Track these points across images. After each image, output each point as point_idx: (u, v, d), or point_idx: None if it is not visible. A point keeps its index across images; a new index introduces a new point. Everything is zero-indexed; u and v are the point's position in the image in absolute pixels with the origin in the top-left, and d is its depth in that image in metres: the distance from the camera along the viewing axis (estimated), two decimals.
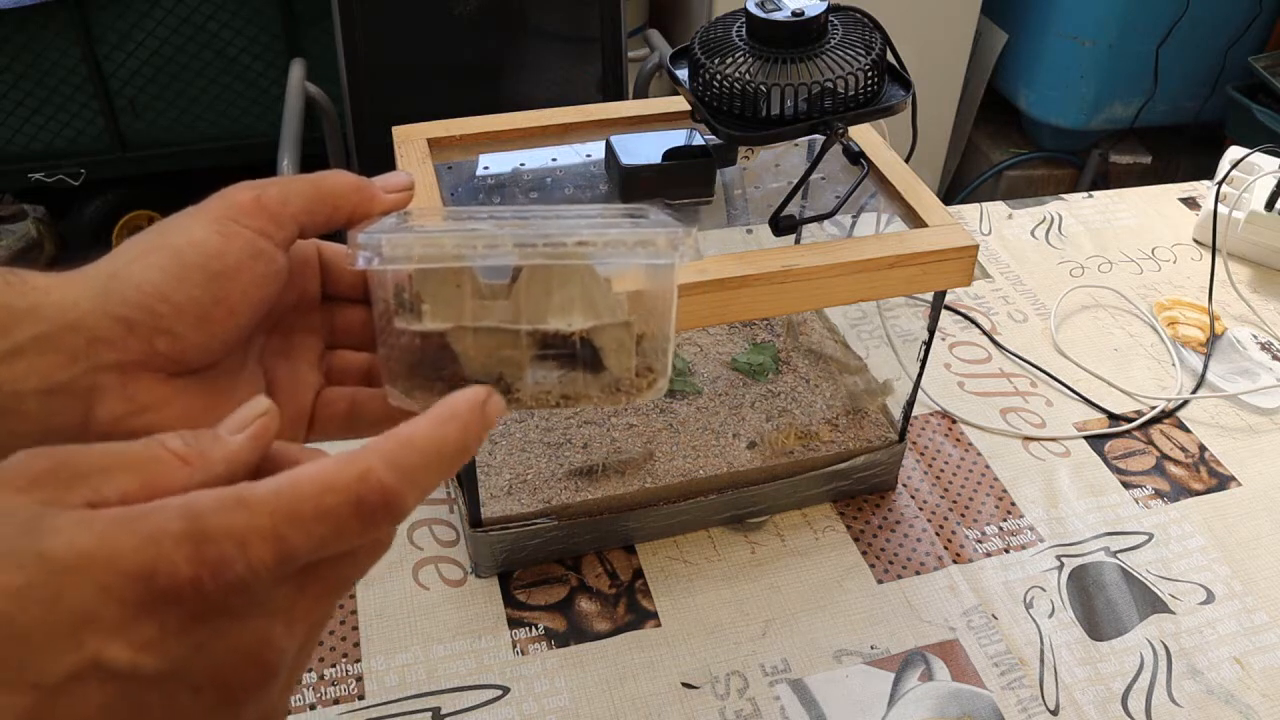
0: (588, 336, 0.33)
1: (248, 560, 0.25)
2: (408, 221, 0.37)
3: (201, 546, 0.24)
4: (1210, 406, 0.90)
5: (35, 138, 2.04)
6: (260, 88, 2.09)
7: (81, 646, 0.24)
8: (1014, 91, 2.45)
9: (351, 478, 0.26)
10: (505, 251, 0.32)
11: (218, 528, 0.24)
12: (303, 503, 0.25)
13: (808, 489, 0.77)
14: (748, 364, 0.83)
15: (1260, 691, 0.67)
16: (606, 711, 0.64)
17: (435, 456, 0.27)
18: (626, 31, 1.64)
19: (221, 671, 0.26)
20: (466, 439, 0.28)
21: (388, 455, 0.26)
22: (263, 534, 0.25)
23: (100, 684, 0.24)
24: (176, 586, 0.24)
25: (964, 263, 0.64)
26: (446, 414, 0.28)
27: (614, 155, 0.72)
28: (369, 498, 0.26)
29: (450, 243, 0.32)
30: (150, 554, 0.24)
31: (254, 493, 0.25)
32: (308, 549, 0.25)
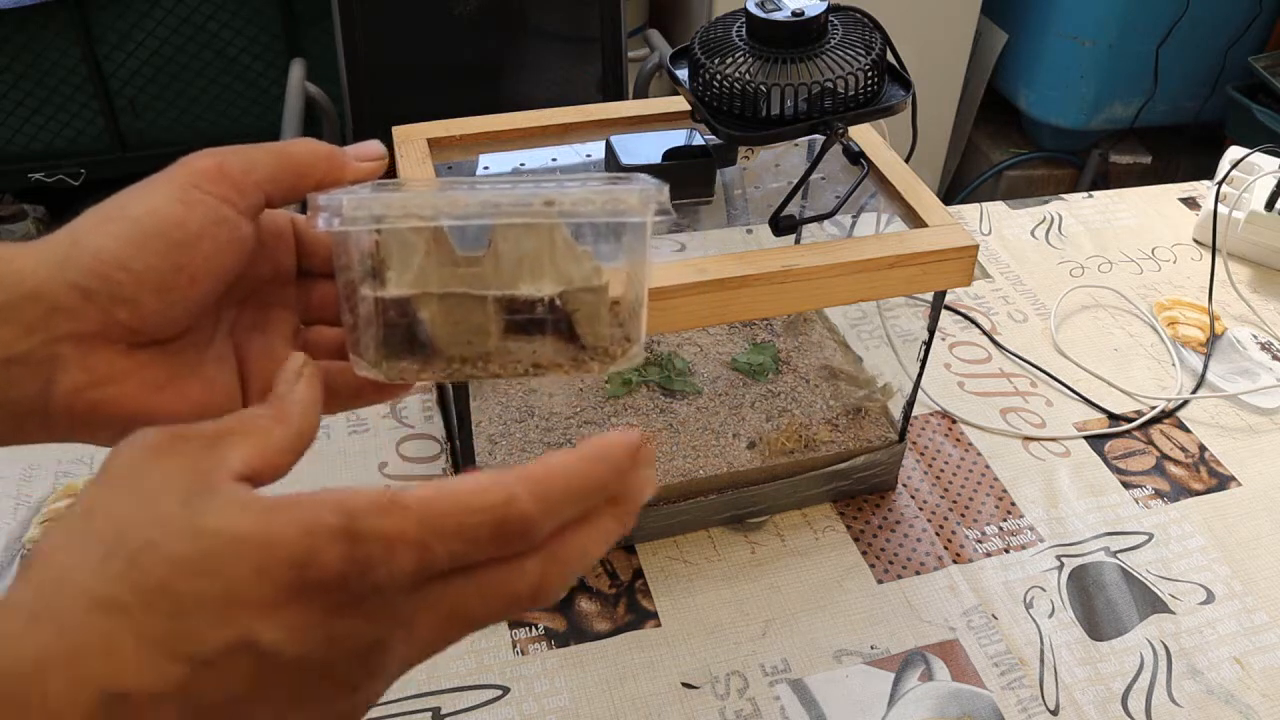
0: (559, 302, 0.32)
1: (390, 565, 0.25)
2: (384, 190, 0.36)
3: (354, 545, 0.25)
4: (1210, 406, 0.90)
5: (35, 138, 2.04)
6: (260, 88, 2.09)
7: (234, 622, 0.24)
8: (1014, 91, 2.45)
9: (498, 500, 0.26)
10: (470, 211, 0.31)
11: (370, 529, 0.25)
12: (449, 517, 0.26)
13: (808, 489, 0.77)
14: (748, 364, 0.83)
15: (1260, 691, 0.67)
16: (606, 711, 0.64)
17: (578, 493, 0.28)
18: (626, 31, 1.64)
19: (340, 667, 0.26)
20: (612, 481, 0.28)
21: (534, 485, 0.27)
22: (408, 541, 0.25)
23: (245, 662, 0.25)
24: (326, 579, 0.25)
25: (964, 263, 0.64)
26: (599, 453, 0.28)
27: (614, 155, 0.72)
28: (509, 524, 0.26)
29: (414, 204, 0.31)
30: (306, 545, 0.25)
31: (405, 497, 0.26)
32: (446, 561, 0.26)
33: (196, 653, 0.24)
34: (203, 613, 0.24)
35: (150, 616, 0.24)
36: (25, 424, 0.32)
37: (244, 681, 0.25)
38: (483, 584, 0.27)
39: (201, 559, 0.25)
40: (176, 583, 0.25)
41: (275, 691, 0.26)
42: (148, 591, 0.24)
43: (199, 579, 0.25)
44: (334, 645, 0.26)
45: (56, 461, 0.79)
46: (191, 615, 0.24)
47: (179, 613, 0.24)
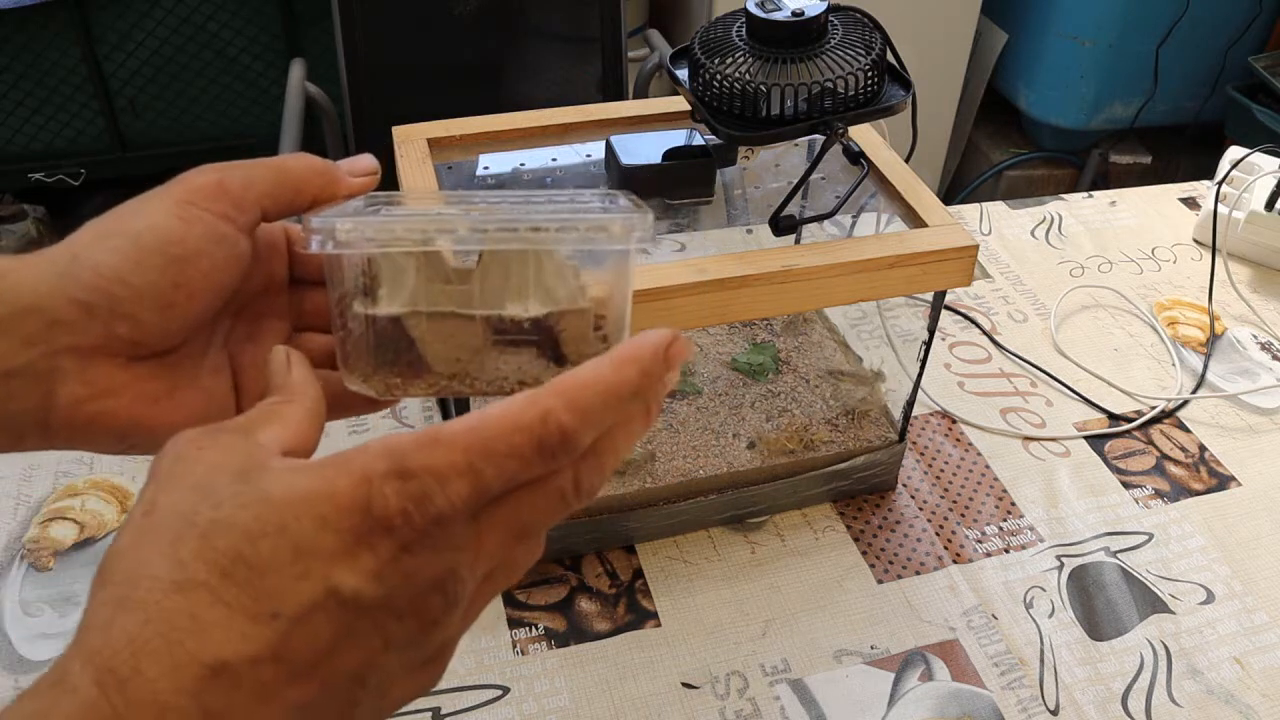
0: (546, 322, 0.33)
1: (446, 494, 0.26)
2: (376, 204, 0.37)
3: (407, 482, 0.26)
4: (1210, 406, 0.90)
5: (35, 138, 2.04)
6: (260, 88, 2.09)
7: (311, 574, 0.25)
8: (1014, 91, 2.45)
9: (534, 418, 0.27)
10: (457, 237, 0.31)
11: (419, 464, 0.26)
12: (494, 441, 0.27)
13: (808, 489, 0.77)
14: (748, 364, 0.83)
15: (1260, 691, 0.67)
16: (606, 711, 0.64)
17: (613, 398, 0.28)
18: (626, 31, 1.64)
19: (418, 600, 0.27)
20: (645, 382, 0.29)
21: (567, 396, 0.27)
22: (458, 469, 0.26)
23: (330, 613, 0.26)
24: (389, 517, 0.26)
25: (964, 263, 0.64)
26: (628, 356, 0.29)
27: (614, 155, 0.72)
28: (549, 438, 0.27)
29: (403, 228, 0.32)
30: (364, 490, 0.26)
31: (448, 431, 0.27)
32: (499, 483, 0.27)
33: (281, 610, 0.25)
34: (279, 572, 0.25)
35: (230, 585, 0.25)
36: (25, 435, 0.32)
37: (332, 631, 0.26)
38: (532, 494, 0.28)
39: (268, 522, 0.26)
40: (248, 549, 0.25)
41: (364, 636, 0.26)
42: (223, 563, 0.25)
43: (269, 540, 0.25)
44: (410, 580, 0.26)
45: (56, 461, 0.79)
46: (269, 576, 0.25)
47: (257, 576, 0.25)
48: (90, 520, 0.75)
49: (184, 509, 0.27)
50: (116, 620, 0.25)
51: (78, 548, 0.73)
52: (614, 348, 0.29)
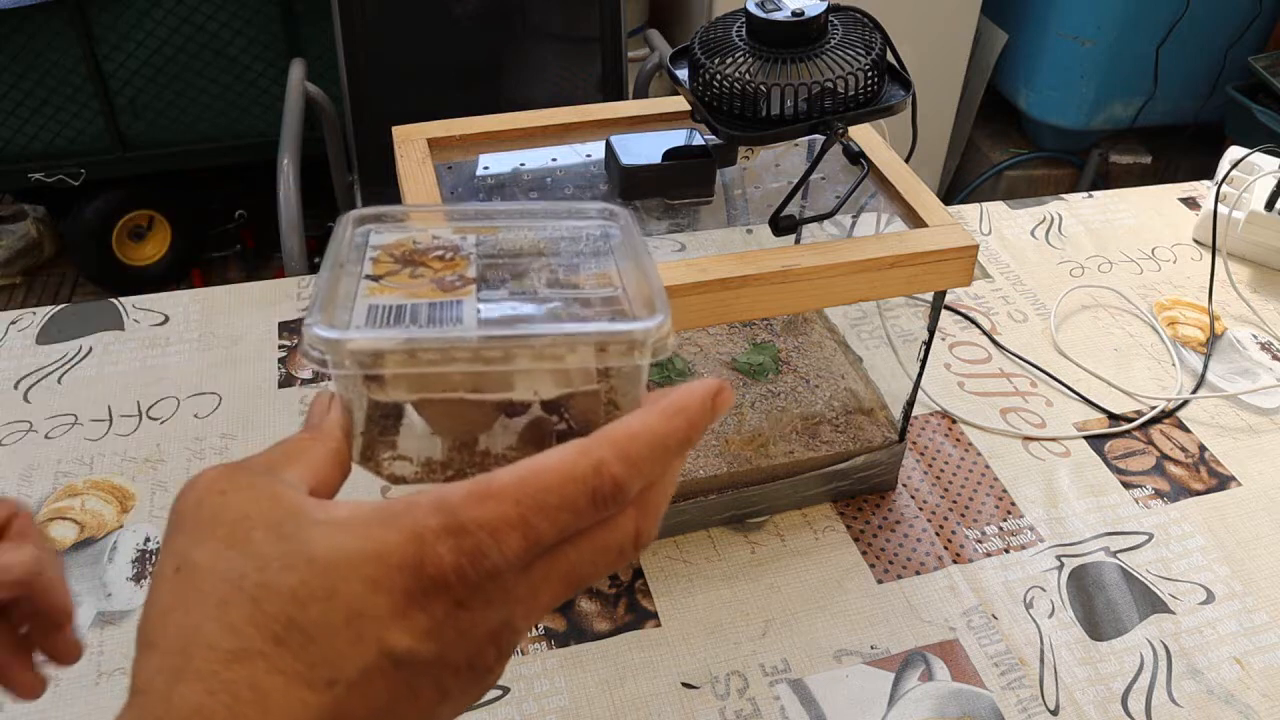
0: (556, 402, 0.33)
1: (500, 549, 0.26)
2: (402, 220, 0.36)
3: (460, 538, 0.26)
4: (1210, 406, 0.90)
5: (35, 138, 2.04)
6: (260, 88, 2.09)
7: (365, 638, 0.25)
8: (1014, 91, 2.45)
9: (588, 470, 0.27)
10: (471, 352, 0.31)
11: (472, 520, 0.26)
12: (548, 493, 0.27)
13: (808, 489, 0.77)
14: (748, 364, 0.83)
15: (1260, 691, 0.67)
16: (606, 711, 0.64)
17: (661, 449, 0.28)
18: (626, 31, 1.64)
19: (473, 654, 0.27)
20: (692, 433, 0.29)
21: (619, 448, 0.28)
22: (511, 522, 0.26)
23: (386, 674, 0.26)
24: (443, 575, 0.26)
25: (964, 263, 0.64)
26: (677, 407, 0.29)
27: (614, 155, 0.71)
28: (602, 489, 0.27)
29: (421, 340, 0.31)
30: (416, 548, 0.26)
31: (499, 483, 0.27)
32: (552, 535, 0.27)
33: (338, 677, 0.25)
34: (334, 637, 0.25)
35: (284, 653, 0.25)
36: None
37: (390, 691, 0.26)
38: (587, 546, 0.28)
39: (318, 586, 0.25)
40: (300, 615, 0.25)
41: (421, 693, 0.26)
42: (275, 629, 0.25)
43: (319, 605, 0.25)
44: (465, 637, 0.27)
45: (56, 462, 0.79)
46: (324, 642, 0.25)
47: (311, 643, 0.25)
48: (90, 520, 0.75)
49: (226, 570, 0.26)
50: (176, 690, 0.25)
51: (78, 548, 0.73)
52: (665, 398, 0.29)
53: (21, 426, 0.83)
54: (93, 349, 0.91)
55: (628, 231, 0.36)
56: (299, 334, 0.89)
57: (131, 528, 0.74)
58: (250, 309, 0.95)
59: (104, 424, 0.83)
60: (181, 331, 0.93)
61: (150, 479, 0.78)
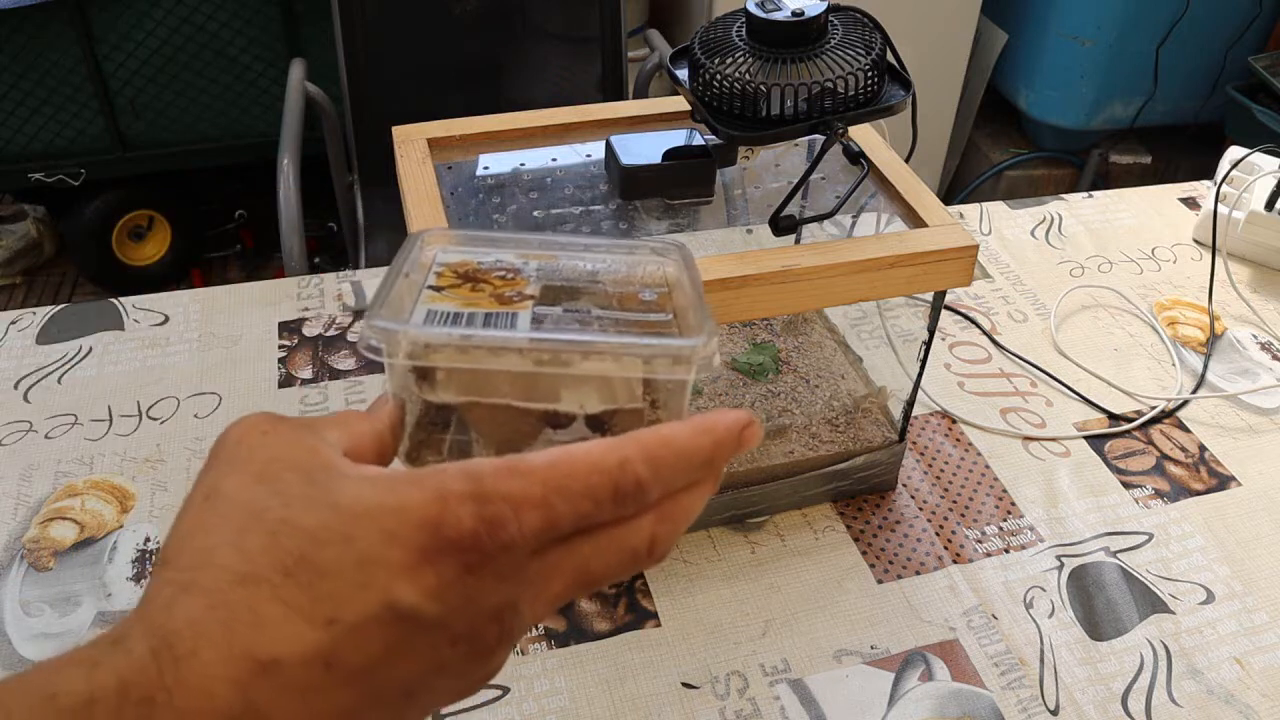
0: (599, 417, 0.33)
1: (519, 523, 0.26)
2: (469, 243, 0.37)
3: (483, 505, 0.26)
4: (1210, 406, 0.90)
5: (35, 138, 2.04)
6: (260, 88, 2.09)
7: (373, 585, 0.26)
8: (1014, 91, 2.45)
9: (613, 464, 0.28)
10: (522, 355, 0.32)
11: (496, 490, 0.26)
12: (573, 479, 0.27)
13: (808, 489, 0.77)
14: (748, 364, 0.83)
15: (1260, 691, 0.67)
16: (606, 711, 0.64)
17: (685, 462, 0.29)
18: (626, 31, 1.64)
19: (475, 626, 0.27)
20: (716, 455, 0.30)
21: (646, 450, 0.28)
22: (534, 501, 0.27)
23: (386, 625, 0.26)
24: (460, 537, 0.26)
25: (964, 263, 0.64)
26: (706, 427, 0.30)
27: (614, 155, 0.71)
28: (624, 485, 0.28)
29: (477, 339, 0.32)
30: (438, 508, 0.26)
31: (528, 463, 0.27)
32: (571, 521, 0.27)
33: (339, 617, 0.25)
34: (342, 579, 0.26)
35: (291, 586, 0.25)
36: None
37: (387, 643, 0.26)
38: (603, 543, 0.29)
39: (336, 529, 0.26)
40: (314, 553, 0.26)
41: (418, 653, 0.27)
42: (287, 563, 0.26)
43: (336, 547, 0.26)
44: (470, 604, 0.27)
45: (56, 462, 0.79)
46: (331, 581, 0.26)
47: (319, 580, 0.25)
48: (90, 520, 0.75)
49: (251, 501, 0.27)
50: (179, 601, 0.26)
51: (78, 548, 0.73)
52: (697, 417, 0.30)
53: (21, 426, 0.83)
54: (93, 349, 0.91)
55: (684, 265, 0.37)
56: (299, 334, 0.89)
57: (131, 528, 0.74)
58: (250, 309, 0.95)
59: (104, 424, 0.83)
60: (181, 331, 0.93)
61: (150, 479, 0.78)
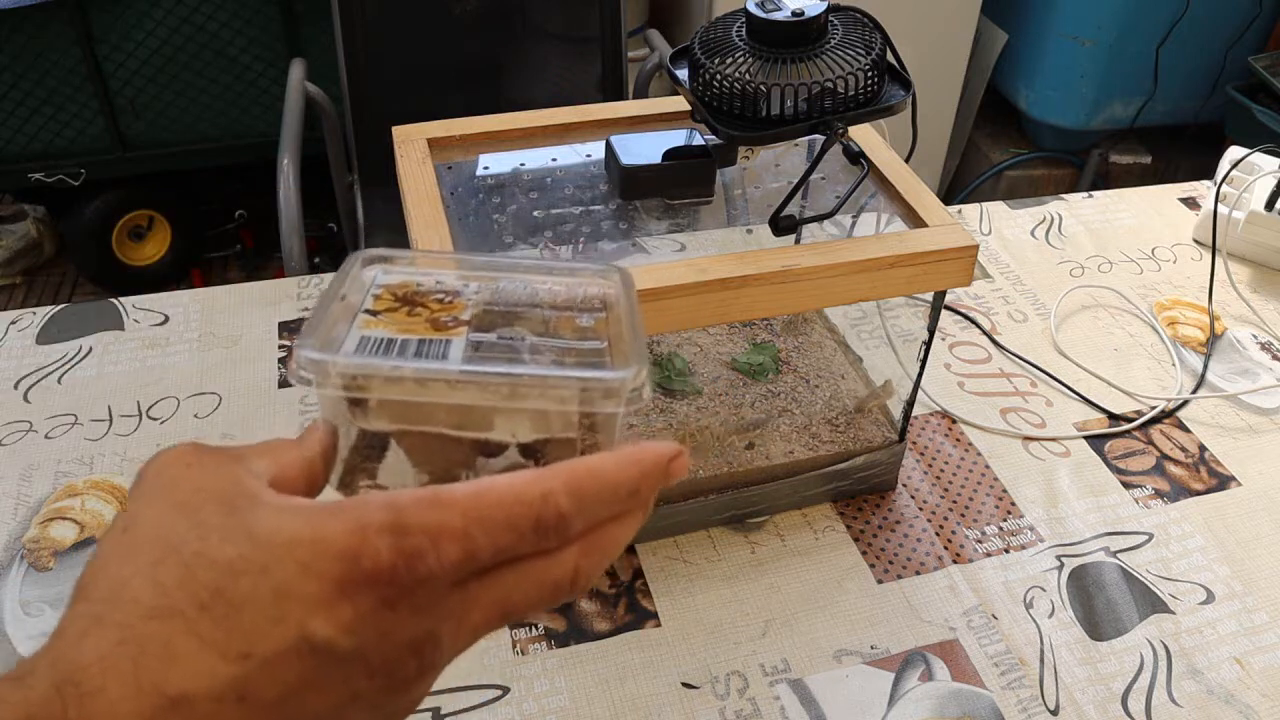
0: (533, 446, 0.33)
1: (438, 556, 0.26)
2: (410, 263, 0.37)
3: (401, 537, 0.26)
4: (1210, 406, 0.90)
5: (35, 138, 2.04)
6: (260, 88, 2.09)
7: (287, 619, 0.25)
8: (1014, 91, 2.45)
9: (536, 496, 0.27)
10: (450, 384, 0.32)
11: (416, 522, 0.26)
12: (494, 510, 0.27)
13: (808, 489, 0.77)
14: (748, 364, 0.83)
15: (1260, 691, 0.67)
16: (606, 711, 0.64)
17: (610, 493, 0.29)
18: (626, 31, 1.64)
19: (392, 659, 0.27)
20: (642, 485, 0.29)
21: (570, 482, 0.28)
22: (453, 533, 0.26)
23: (300, 658, 0.25)
24: (378, 570, 0.26)
25: (964, 263, 0.64)
26: (633, 459, 0.29)
27: (614, 155, 0.71)
28: (546, 517, 0.28)
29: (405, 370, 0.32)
30: (356, 540, 0.26)
31: (450, 494, 0.27)
32: (491, 552, 0.27)
33: (253, 650, 0.25)
34: (256, 611, 0.25)
35: (205, 619, 0.25)
36: None
37: (302, 676, 0.26)
38: (525, 575, 0.28)
39: (253, 561, 0.26)
40: (229, 585, 0.25)
41: (333, 686, 0.26)
42: (202, 596, 0.25)
43: (251, 579, 0.25)
44: (386, 638, 0.26)
45: (56, 462, 0.79)
46: (245, 614, 0.25)
47: (234, 613, 0.25)
48: (90, 520, 0.75)
49: (168, 533, 0.27)
50: (90, 635, 0.25)
51: (78, 548, 0.73)
52: (625, 448, 0.30)
53: (21, 426, 0.83)
54: (93, 349, 0.91)
55: (623, 291, 0.37)
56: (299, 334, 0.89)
57: None
58: (250, 309, 0.95)
59: (104, 424, 0.83)
60: (181, 331, 0.93)
61: None
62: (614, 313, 0.36)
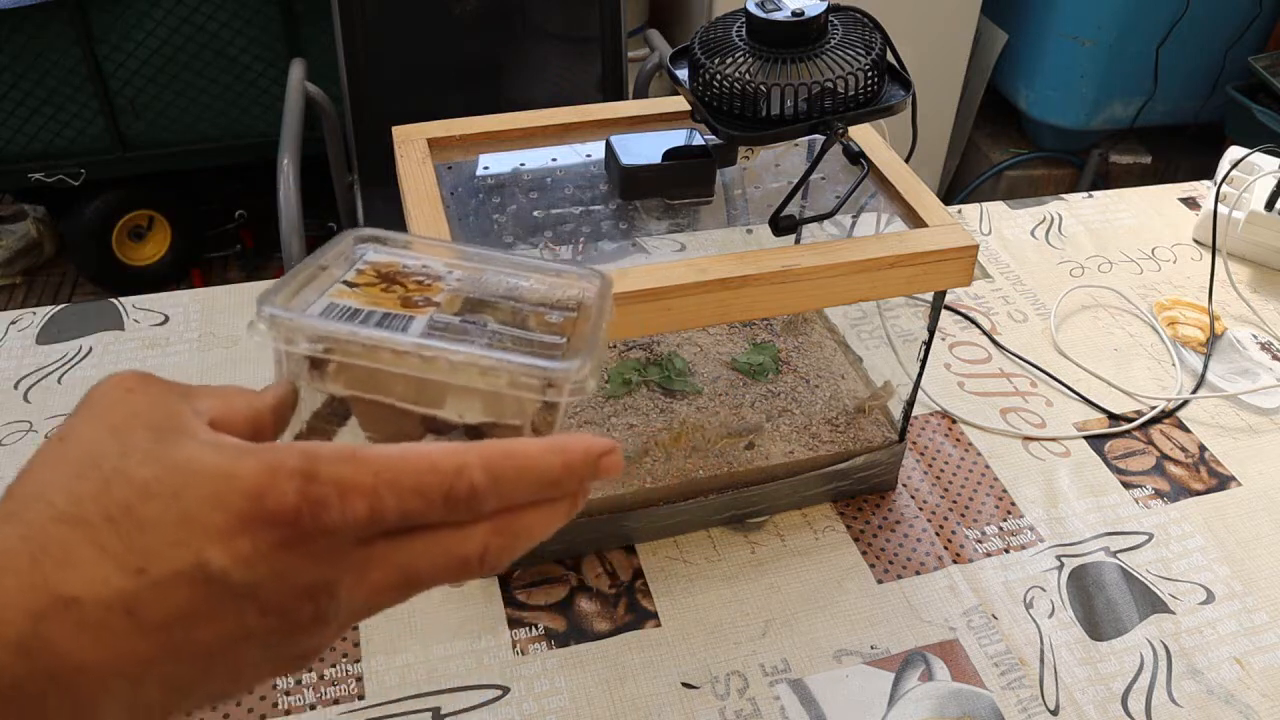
0: (479, 429, 0.33)
1: (343, 509, 0.27)
2: (402, 246, 0.38)
3: (310, 485, 0.27)
4: (1210, 406, 0.90)
5: (35, 138, 2.04)
6: (260, 88, 2.09)
7: (188, 544, 0.26)
8: (1014, 91, 2.45)
9: (450, 467, 0.28)
10: (398, 353, 0.32)
11: (328, 473, 0.27)
12: (406, 475, 0.27)
13: (808, 489, 0.77)
14: (748, 364, 0.83)
15: (1260, 691, 0.67)
16: (606, 711, 0.64)
17: (528, 477, 0.29)
18: (626, 31, 1.64)
19: (286, 601, 0.27)
20: (565, 475, 0.29)
21: (487, 459, 0.28)
22: (362, 489, 0.27)
23: (193, 584, 0.26)
24: (281, 511, 0.26)
25: (964, 263, 0.64)
26: (558, 447, 0.29)
27: (614, 155, 0.71)
28: (458, 489, 0.28)
29: (362, 337, 0.32)
30: (267, 480, 0.27)
31: (367, 453, 0.28)
32: (397, 515, 0.28)
33: (147, 568, 0.26)
34: (159, 532, 0.26)
35: (110, 532, 0.26)
36: None
37: (193, 602, 0.26)
38: (432, 544, 0.29)
39: (166, 485, 0.27)
40: (139, 504, 0.26)
41: (223, 618, 0.27)
42: (112, 510, 0.26)
43: (160, 502, 0.26)
44: (280, 580, 0.27)
45: None
46: (149, 534, 0.26)
47: (137, 531, 0.26)
48: None
49: (96, 449, 0.28)
50: (0, 530, 0.26)
51: None
52: (552, 435, 0.30)
53: (21, 426, 0.83)
54: (93, 349, 0.91)
55: (599, 294, 0.37)
56: None
57: None
58: (250, 309, 0.95)
59: None
60: (181, 331, 0.93)
61: None
62: (584, 313, 0.37)
